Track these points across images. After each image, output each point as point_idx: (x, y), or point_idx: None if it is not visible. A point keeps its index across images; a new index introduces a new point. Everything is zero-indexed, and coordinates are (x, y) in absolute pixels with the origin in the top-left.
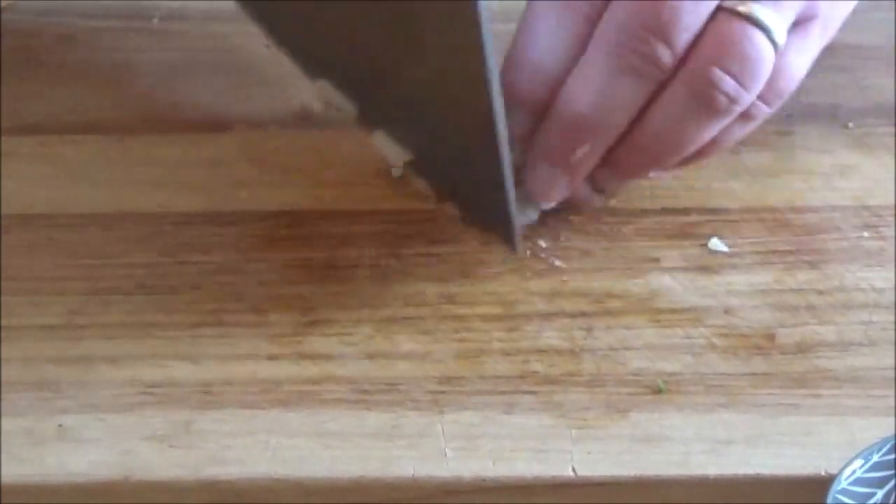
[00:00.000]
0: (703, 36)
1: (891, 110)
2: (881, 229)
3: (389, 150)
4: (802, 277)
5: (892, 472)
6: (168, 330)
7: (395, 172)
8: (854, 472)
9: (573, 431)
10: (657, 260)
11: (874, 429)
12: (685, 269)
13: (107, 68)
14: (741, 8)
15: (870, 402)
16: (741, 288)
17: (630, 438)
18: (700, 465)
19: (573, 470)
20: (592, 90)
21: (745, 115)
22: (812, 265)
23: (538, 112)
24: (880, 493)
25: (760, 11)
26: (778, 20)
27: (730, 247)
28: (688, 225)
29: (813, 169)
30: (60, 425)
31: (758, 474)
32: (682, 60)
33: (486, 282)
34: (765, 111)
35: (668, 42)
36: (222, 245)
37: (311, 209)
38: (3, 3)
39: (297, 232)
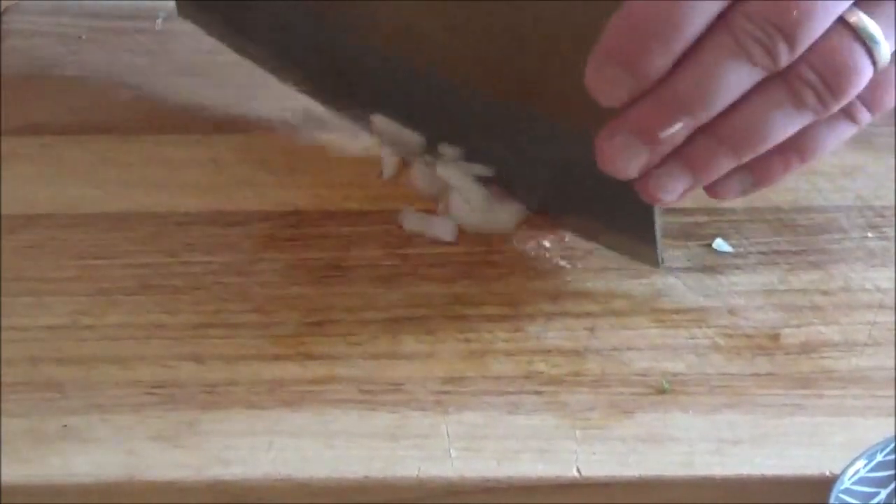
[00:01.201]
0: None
1: None
2: (885, 230)
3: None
4: (807, 278)
5: (895, 471)
6: (172, 330)
7: (387, 173)
8: (857, 471)
9: (578, 432)
10: (661, 260)
11: (878, 429)
12: (689, 270)
13: (110, 69)
14: (851, 18)
15: (874, 403)
16: (745, 288)
17: (634, 439)
18: (704, 466)
19: (578, 470)
20: (706, 68)
21: (850, 117)
22: (816, 265)
23: (644, 81)
24: (884, 493)
25: (869, 25)
26: (883, 35)
27: (734, 247)
28: (692, 225)
29: (817, 169)
30: (64, 425)
31: (762, 474)
32: None
33: (491, 282)
34: (867, 118)
35: (791, 44)
36: (226, 245)
37: (316, 209)
38: (5, 4)
39: (302, 232)
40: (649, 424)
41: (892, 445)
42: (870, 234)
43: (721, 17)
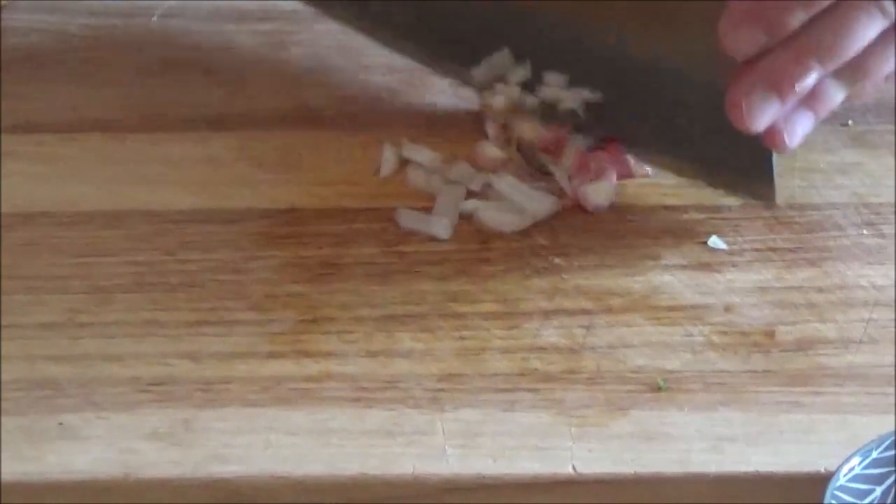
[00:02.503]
0: None
1: (891, 108)
2: (881, 227)
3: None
4: (802, 275)
5: (891, 468)
6: (168, 328)
7: (385, 171)
8: (853, 468)
9: (573, 429)
10: (657, 257)
11: (874, 426)
12: (685, 267)
13: (107, 67)
14: None
15: (870, 400)
16: (741, 285)
17: (630, 436)
18: (700, 463)
19: (573, 468)
20: (843, 22)
21: None
22: (812, 263)
23: (780, 38)
24: (879, 490)
25: None
26: None
27: (730, 244)
28: (688, 223)
29: (813, 167)
30: (61, 423)
31: (758, 472)
32: None
33: (487, 280)
34: None
35: None
36: (223, 243)
37: (312, 207)
38: (3, 3)
39: (298, 230)
40: (645, 422)
41: (888, 442)
42: (866, 232)
43: None
